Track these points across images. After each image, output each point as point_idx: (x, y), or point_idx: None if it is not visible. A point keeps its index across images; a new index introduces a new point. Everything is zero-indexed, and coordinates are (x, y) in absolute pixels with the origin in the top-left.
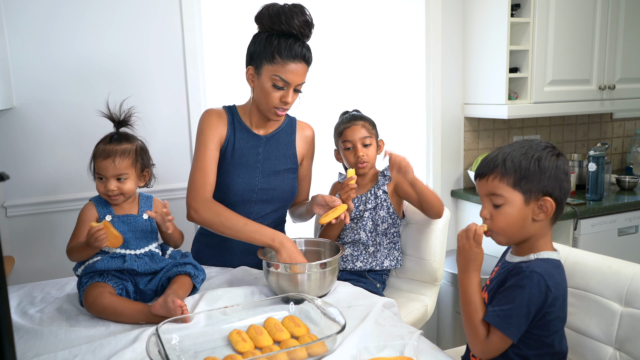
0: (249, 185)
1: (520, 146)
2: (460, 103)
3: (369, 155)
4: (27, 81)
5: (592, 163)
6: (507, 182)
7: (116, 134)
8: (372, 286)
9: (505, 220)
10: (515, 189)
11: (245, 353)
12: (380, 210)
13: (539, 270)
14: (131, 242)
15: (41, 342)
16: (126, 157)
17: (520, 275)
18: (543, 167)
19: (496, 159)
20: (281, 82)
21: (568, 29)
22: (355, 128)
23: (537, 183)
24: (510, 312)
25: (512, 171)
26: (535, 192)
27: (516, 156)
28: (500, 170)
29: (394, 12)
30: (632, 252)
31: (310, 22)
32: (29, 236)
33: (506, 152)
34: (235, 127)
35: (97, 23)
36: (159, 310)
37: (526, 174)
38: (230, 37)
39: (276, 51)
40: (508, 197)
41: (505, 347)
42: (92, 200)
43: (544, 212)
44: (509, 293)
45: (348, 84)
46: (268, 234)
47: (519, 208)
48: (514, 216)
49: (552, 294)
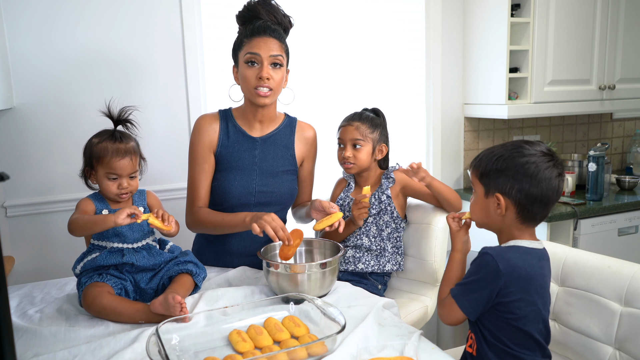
0: (246, 188)
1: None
2: (460, 103)
3: (356, 157)
4: (27, 81)
5: (592, 163)
6: (475, 175)
7: (117, 132)
8: (373, 287)
9: (475, 206)
10: (480, 182)
11: (245, 353)
12: (384, 215)
13: (491, 252)
14: (128, 235)
15: (40, 342)
16: (136, 154)
17: (477, 256)
18: (502, 167)
19: (479, 155)
20: (253, 56)
21: (568, 29)
22: (349, 128)
23: (493, 180)
24: (463, 287)
25: (478, 167)
26: (492, 188)
27: (489, 155)
28: (474, 165)
29: (394, 12)
30: (632, 252)
31: (275, 7)
32: (29, 236)
33: (489, 150)
34: (229, 130)
35: (98, 23)
36: (158, 308)
37: (485, 171)
38: (230, 37)
39: (242, 36)
40: (476, 188)
41: (461, 316)
42: (89, 197)
43: (500, 208)
44: (468, 272)
45: (348, 84)
46: (240, 217)
47: (481, 199)
48: (478, 204)
49: (503, 275)
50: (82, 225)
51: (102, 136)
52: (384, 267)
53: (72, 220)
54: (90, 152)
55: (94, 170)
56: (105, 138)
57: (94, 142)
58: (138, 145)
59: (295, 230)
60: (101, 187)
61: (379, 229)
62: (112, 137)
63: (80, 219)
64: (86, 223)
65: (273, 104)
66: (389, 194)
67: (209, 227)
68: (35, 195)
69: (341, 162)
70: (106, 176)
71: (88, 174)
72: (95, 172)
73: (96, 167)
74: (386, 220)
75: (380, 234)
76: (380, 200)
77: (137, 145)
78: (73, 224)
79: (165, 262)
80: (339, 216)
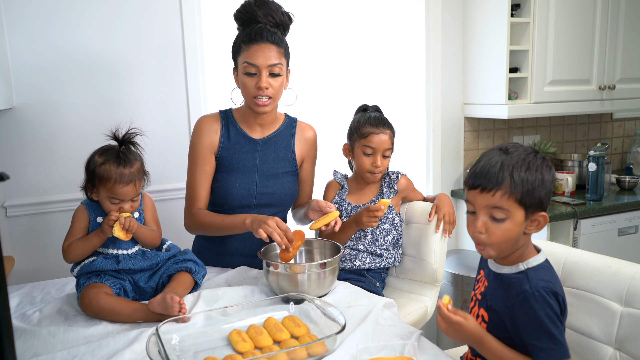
0: (247, 190)
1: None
2: (460, 103)
3: (384, 166)
4: (27, 81)
5: (592, 163)
6: (515, 198)
7: (122, 154)
8: (371, 285)
9: (504, 235)
10: (520, 205)
11: (245, 353)
12: (384, 224)
13: (541, 285)
14: (122, 242)
15: (39, 342)
16: (141, 179)
17: (530, 301)
18: (545, 180)
19: (502, 173)
20: (250, 67)
21: (568, 29)
22: (383, 137)
23: (538, 198)
24: (554, 340)
25: (520, 187)
26: (534, 207)
27: (522, 169)
28: (508, 185)
29: (394, 12)
30: (632, 252)
31: (272, 7)
32: (29, 236)
33: (509, 163)
34: (230, 131)
35: (97, 23)
36: (156, 307)
37: (531, 189)
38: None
39: (240, 40)
40: (513, 212)
41: None
42: (83, 204)
43: (536, 226)
44: (534, 324)
45: (348, 84)
46: (240, 219)
47: (519, 223)
48: (512, 231)
49: (561, 297)
50: (80, 250)
51: (107, 156)
52: (381, 264)
53: (66, 247)
54: (94, 170)
55: (96, 189)
56: (109, 159)
57: (98, 161)
58: (142, 163)
59: (297, 231)
60: (102, 205)
61: (374, 238)
62: (117, 159)
63: (76, 243)
64: (84, 243)
65: (274, 108)
66: (390, 205)
67: (208, 229)
68: (35, 195)
69: (368, 170)
70: (108, 199)
71: (90, 190)
72: (97, 192)
73: (98, 188)
74: (386, 229)
75: (375, 243)
76: None
77: (141, 165)
78: (68, 252)
79: (164, 260)
80: (335, 215)
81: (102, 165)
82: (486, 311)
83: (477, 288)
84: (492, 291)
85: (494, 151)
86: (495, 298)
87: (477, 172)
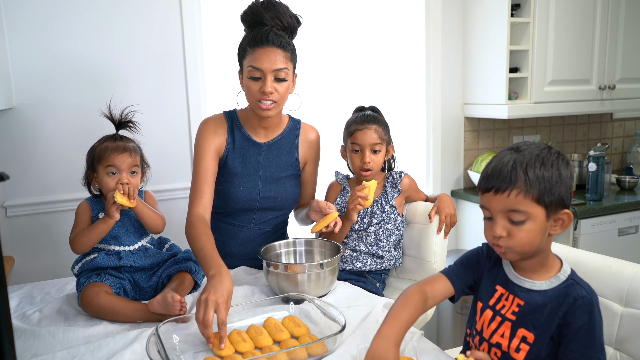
0: (250, 194)
1: (531, 153)
2: (460, 103)
3: (375, 162)
4: (27, 81)
5: (592, 163)
6: (532, 197)
7: (119, 135)
8: (371, 286)
9: (527, 237)
10: (539, 204)
11: (245, 353)
12: (386, 224)
13: (589, 290)
14: (124, 238)
15: (39, 342)
16: (137, 154)
17: (587, 307)
18: (563, 176)
19: (515, 171)
20: (255, 71)
21: (568, 29)
22: (368, 132)
23: (557, 195)
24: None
25: (536, 184)
26: (555, 204)
27: (536, 166)
28: (523, 184)
29: (394, 12)
30: (632, 252)
31: (280, 9)
32: (29, 236)
33: (521, 161)
34: (235, 134)
35: (98, 23)
36: (156, 307)
37: (549, 186)
38: (230, 38)
39: (246, 43)
40: (532, 212)
41: None
42: (86, 200)
43: (560, 225)
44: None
45: (348, 84)
46: (208, 267)
47: (541, 223)
48: (536, 232)
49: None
50: (90, 238)
51: (104, 139)
52: (382, 265)
53: (73, 238)
54: (92, 155)
55: (96, 172)
56: (106, 139)
57: (95, 145)
58: (141, 151)
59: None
60: (101, 186)
61: (377, 239)
62: (112, 137)
63: (83, 233)
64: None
65: (278, 112)
66: (393, 204)
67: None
68: (35, 195)
69: (359, 168)
70: (106, 172)
71: (90, 177)
72: (96, 174)
73: (97, 168)
74: (389, 229)
75: (378, 244)
76: (383, 210)
77: (139, 149)
78: (78, 243)
79: (164, 260)
80: (334, 216)
81: (99, 145)
82: (530, 331)
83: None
84: (532, 308)
85: (505, 151)
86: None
87: (489, 174)
